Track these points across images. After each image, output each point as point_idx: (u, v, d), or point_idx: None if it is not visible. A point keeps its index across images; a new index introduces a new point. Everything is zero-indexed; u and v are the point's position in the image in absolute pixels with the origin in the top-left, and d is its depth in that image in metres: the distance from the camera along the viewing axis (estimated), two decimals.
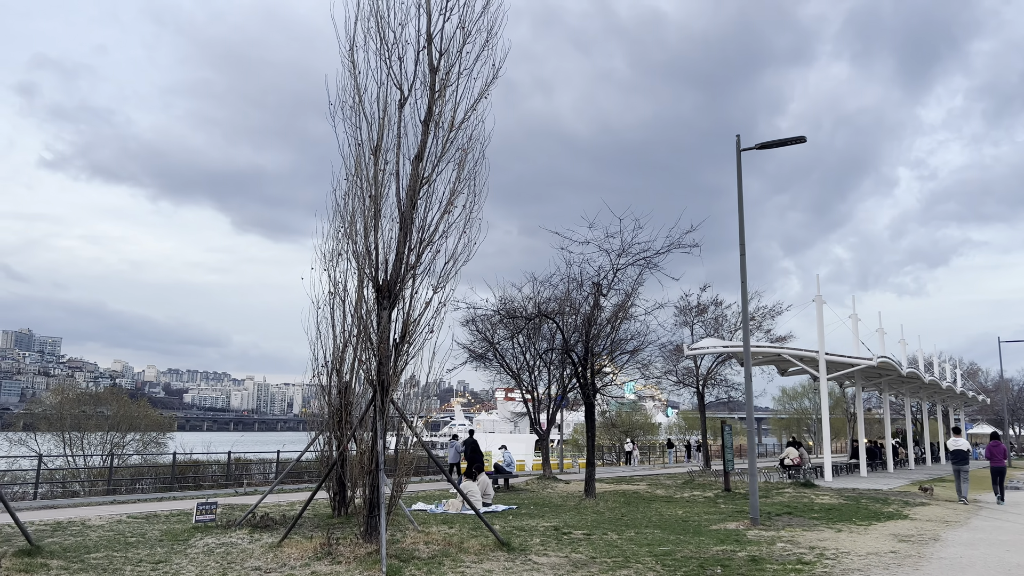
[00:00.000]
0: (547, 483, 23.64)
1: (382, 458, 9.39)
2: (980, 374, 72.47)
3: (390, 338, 10.02)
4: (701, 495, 20.65)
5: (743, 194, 15.17)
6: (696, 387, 34.02)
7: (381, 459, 9.39)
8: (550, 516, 15.15)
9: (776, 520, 14.88)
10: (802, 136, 14.74)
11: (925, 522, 14.86)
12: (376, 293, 10.16)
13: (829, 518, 15.30)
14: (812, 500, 19.02)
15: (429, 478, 26.90)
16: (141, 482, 25.25)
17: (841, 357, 26.87)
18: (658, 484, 24.81)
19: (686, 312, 34.89)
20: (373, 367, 9.92)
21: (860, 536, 12.70)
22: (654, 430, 72.40)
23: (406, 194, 10.43)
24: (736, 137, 15.38)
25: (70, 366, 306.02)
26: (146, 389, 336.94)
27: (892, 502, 18.84)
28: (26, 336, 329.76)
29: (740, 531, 13.16)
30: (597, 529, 13.05)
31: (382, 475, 9.34)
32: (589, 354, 18.23)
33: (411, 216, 10.31)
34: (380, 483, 9.31)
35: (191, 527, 12.42)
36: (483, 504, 16.33)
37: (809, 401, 72.03)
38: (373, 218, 10.17)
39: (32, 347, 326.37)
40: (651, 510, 16.57)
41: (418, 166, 10.48)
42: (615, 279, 19.20)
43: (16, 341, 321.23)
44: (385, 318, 10.05)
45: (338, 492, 13.40)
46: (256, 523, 12.42)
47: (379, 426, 9.62)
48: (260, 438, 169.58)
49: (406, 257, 10.22)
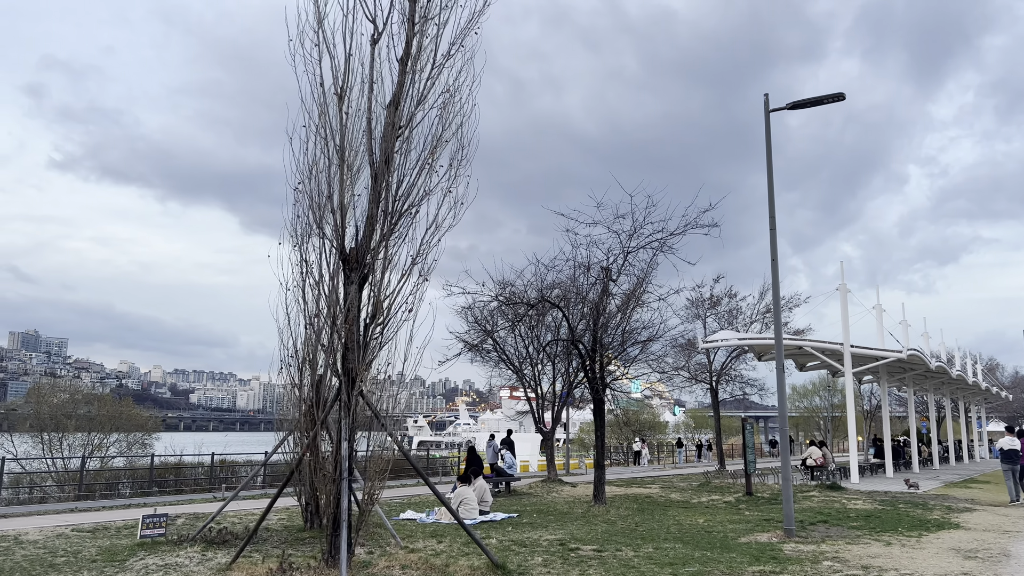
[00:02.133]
0: (552, 486, 21.88)
1: (347, 464, 7.66)
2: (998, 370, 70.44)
3: (359, 319, 8.28)
4: (721, 500, 18.85)
5: (772, 159, 13.39)
6: (709, 383, 32.19)
7: (346, 465, 7.66)
8: (555, 526, 13.39)
9: (812, 530, 13.10)
10: (840, 93, 12.96)
11: (983, 532, 13.05)
12: (342, 264, 8.41)
13: (870, 527, 13.51)
14: (844, 505, 17.22)
15: None
16: (118, 486, 23.61)
17: (868, 349, 25.04)
18: (672, 487, 23.02)
19: (698, 305, 33.10)
20: (338, 354, 8.19)
21: (916, 551, 10.90)
22: (663, 429, 70.62)
23: (379, 147, 8.68)
24: (764, 96, 13.61)
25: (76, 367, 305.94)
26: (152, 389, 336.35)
27: (933, 507, 17.03)
28: (32, 337, 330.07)
29: (775, 545, 11.38)
30: (609, 544, 11.28)
31: (346, 485, 7.60)
32: (598, 345, 16.45)
33: (385, 172, 8.57)
34: (343, 495, 7.56)
35: (136, 543, 10.69)
36: (480, 512, 14.60)
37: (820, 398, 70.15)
38: (338, 174, 8.43)
39: (39, 348, 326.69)
40: (668, 518, 14.80)
41: (394, 113, 8.74)
42: (625, 263, 17.43)
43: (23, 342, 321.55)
44: (353, 294, 8.30)
45: (311, 501, 11.67)
46: (212, 538, 10.70)
47: (345, 425, 7.88)
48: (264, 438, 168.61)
49: (379, 221, 8.48)
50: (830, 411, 65.56)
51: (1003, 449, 19.00)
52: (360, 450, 9.04)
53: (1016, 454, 18.72)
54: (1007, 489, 19.11)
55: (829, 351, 25.53)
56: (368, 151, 8.68)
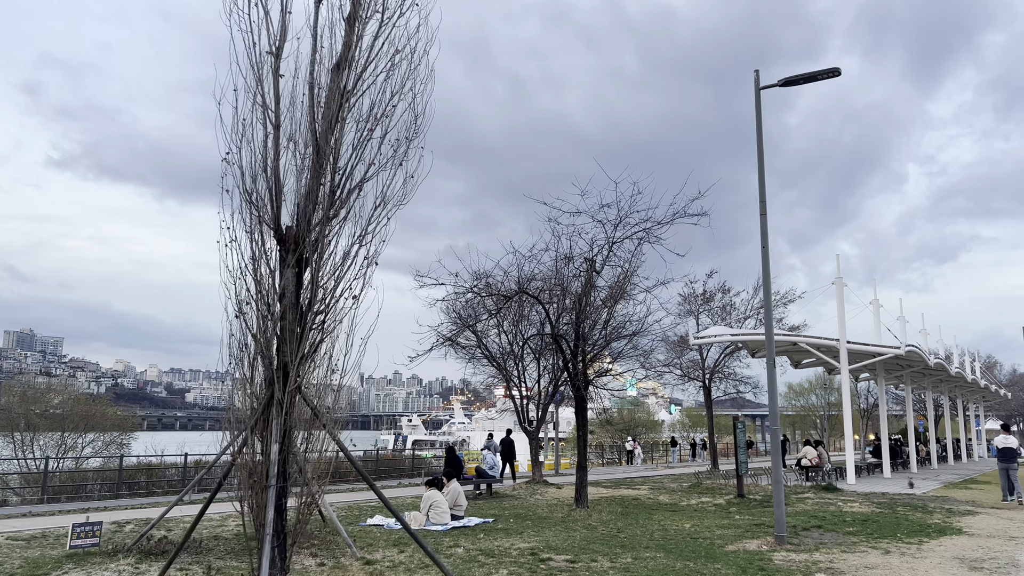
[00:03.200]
0: (536, 488, 21.00)
1: (275, 469, 6.77)
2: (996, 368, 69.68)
3: (297, 306, 7.39)
4: (711, 502, 18.00)
5: (763, 140, 12.52)
6: (702, 381, 31.33)
7: (274, 470, 6.77)
8: (531, 533, 12.51)
9: (805, 537, 12.24)
10: (835, 68, 12.11)
11: (987, 538, 12.21)
12: (278, 245, 7.52)
13: (868, 532, 12.67)
14: (840, 508, 16.37)
15: (406, 482, 24.31)
16: (85, 488, 22.68)
17: (864, 346, 24.20)
18: (661, 488, 22.16)
19: (691, 300, 32.25)
20: (272, 344, 7.30)
21: (916, 560, 10.05)
22: (657, 428, 69.78)
23: (322, 114, 7.79)
24: (755, 73, 12.75)
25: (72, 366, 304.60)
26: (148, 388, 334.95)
27: (934, 510, 16.19)
28: (28, 336, 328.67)
29: (764, 553, 10.52)
30: (585, 553, 10.41)
31: (272, 494, 6.71)
32: (580, 340, 15.57)
33: (328, 143, 7.68)
34: (268, 505, 6.68)
35: (65, 554, 9.79)
36: (453, 517, 13.71)
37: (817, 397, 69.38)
38: (273, 144, 7.53)
39: (34, 347, 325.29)
40: (653, 523, 13.93)
41: (339, 77, 7.85)
42: (610, 254, 16.56)
43: (18, 341, 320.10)
44: (289, 278, 7.41)
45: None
46: (150, 548, 9.81)
47: (276, 425, 7.00)
48: None
49: (321, 198, 7.59)
50: (827, 410, 64.79)
51: (999, 447, 19.12)
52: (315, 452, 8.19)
53: (1013, 452, 18.83)
54: (1002, 490, 19.02)
55: (825, 347, 24.69)
56: (310, 119, 7.79)
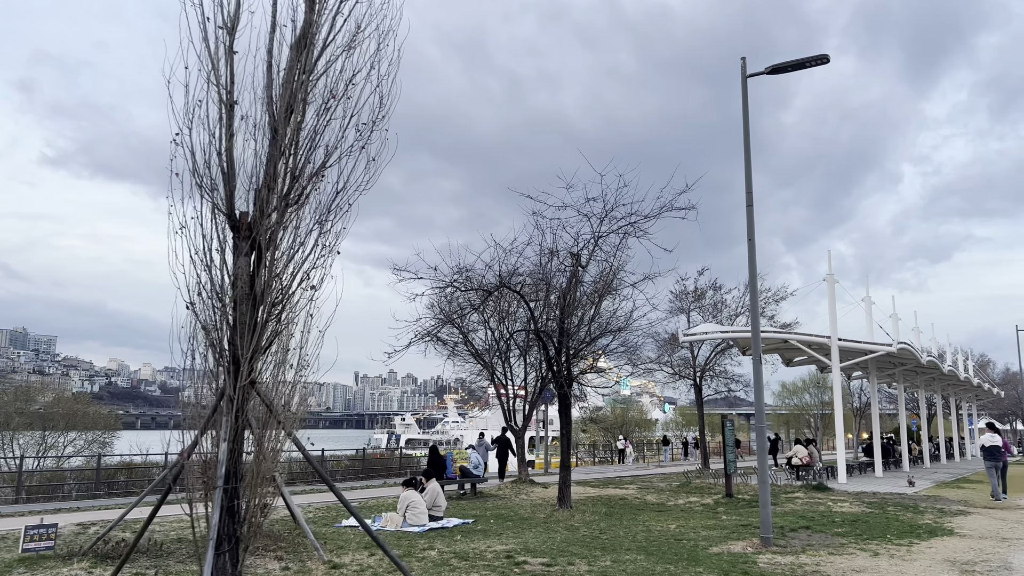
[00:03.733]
0: (522, 487, 20.61)
1: (223, 470, 6.36)
2: (989, 367, 69.52)
3: (251, 296, 6.98)
4: (699, 502, 17.64)
5: (749, 130, 12.15)
6: (693, 379, 30.99)
7: (222, 471, 6.36)
8: (510, 534, 12.12)
9: (792, 538, 11.88)
10: (824, 55, 11.74)
11: (979, 539, 11.86)
12: (232, 232, 7.11)
13: (857, 533, 12.31)
14: (830, 508, 16.03)
15: (391, 481, 23.89)
16: (63, 488, 22.22)
17: (856, 343, 23.88)
18: (650, 487, 21.80)
19: (682, 298, 31.91)
20: (224, 336, 6.89)
21: (906, 563, 9.70)
22: (650, 426, 69.46)
23: (280, 95, 7.38)
24: (741, 60, 12.38)
25: (65, 364, 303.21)
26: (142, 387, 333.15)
27: (925, 510, 15.86)
28: (21, 335, 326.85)
29: (749, 556, 10.15)
30: (563, 556, 10.02)
31: (218, 497, 6.30)
32: (564, 336, 15.18)
33: (286, 124, 7.26)
34: (214, 508, 6.27)
35: (17, 558, 9.37)
36: (432, 519, 13.32)
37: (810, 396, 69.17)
38: (226, 125, 7.11)
39: (27, 346, 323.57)
40: (637, 523, 13.56)
41: (299, 54, 7.43)
42: (596, 249, 16.18)
43: (11, 340, 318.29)
44: (243, 266, 7.00)
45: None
46: (107, 551, 9.39)
47: (226, 423, 6.59)
48: None
49: (278, 182, 7.18)
50: (820, 408, 64.55)
51: (984, 446, 19.18)
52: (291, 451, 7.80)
53: (998, 450, 18.88)
54: (991, 487, 19.09)
55: (816, 345, 24.37)
56: (268, 99, 7.38)
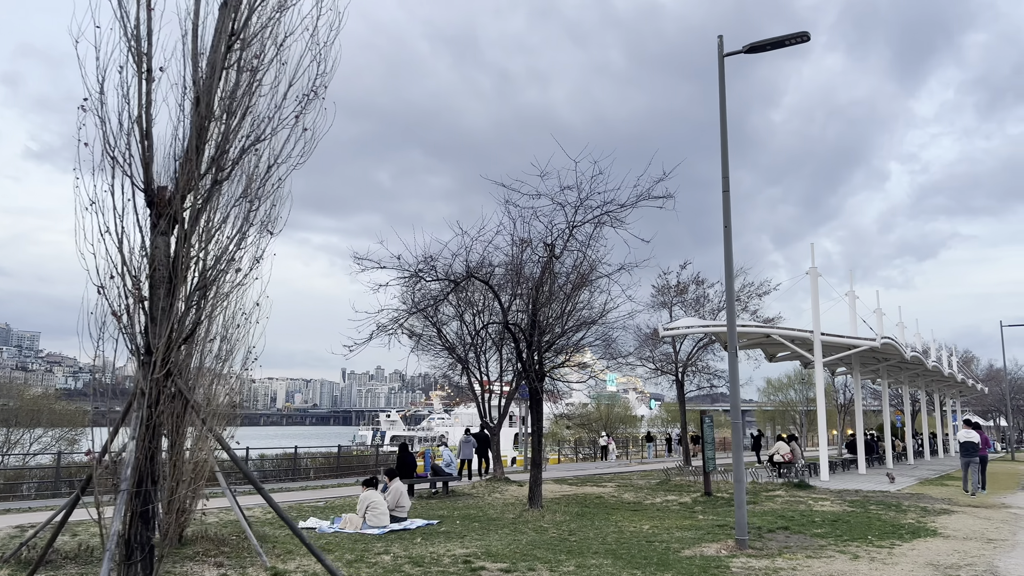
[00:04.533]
0: (497, 486, 20.02)
1: (129, 471, 5.71)
2: (973, 363, 69.59)
3: (170, 280, 6.32)
4: (676, 500, 17.11)
5: (725, 113, 11.57)
6: (675, 375, 30.50)
7: (127, 472, 5.71)
8: (474, 536, 11.52)
9: (769, 539, 11.34)
10: (804, 33, 11.16)
11: (963, 540, 11.37)
12: (150, 209, 6.45)
13: (837, 534, 11.80)
14: (810, 507, 15.53)
15: None
16: (21, 487, 21.42)
17: (839, 338, 23.43)
18: (629, 485, 21.26)
19: (664, 292, 31.41)
20: (137, 324, 6.23)
21: (887, 567, 9.17)
22: (634, 423, 69.12)
23: (207, 60, 6.72)
24: (718, 39, 11.78)
25: (49, 361, 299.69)
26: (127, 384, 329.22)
27: (908, 509, 15.39)
28: (3, 331, 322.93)
29: (722, 560, 9.60)
30: (526, 559, 9.43)
31: (122, 500, 5.65)
32: (535, 330, 14.57)
33: (212, 91, 6.61)
34: (116, 514, 5.62)
35: None
36: (394, 519, 12.69)
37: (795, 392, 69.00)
38: (144, 91, 6.45)
39: (10, 342, 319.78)
40: (610, 524, 12.99)
41: (226, 16, 6.78)
42: (571, 239, 15.59)
43: None
44: (163, 248, 6.35)
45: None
46: (30, 558, 8.69)
47: (137, 419, 5.94)
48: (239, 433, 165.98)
49: (202, 155, 6.52)
50: (805, 405, 64.38)
51: (961, 442, 19.95)
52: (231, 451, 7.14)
53: (974, 446, 19.49)
54: (963, 481, 19.91)
55: (799, 340, 23.89)
56: (193, 64, 6.72)
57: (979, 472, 19.94)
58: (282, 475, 26.82)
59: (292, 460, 27.85)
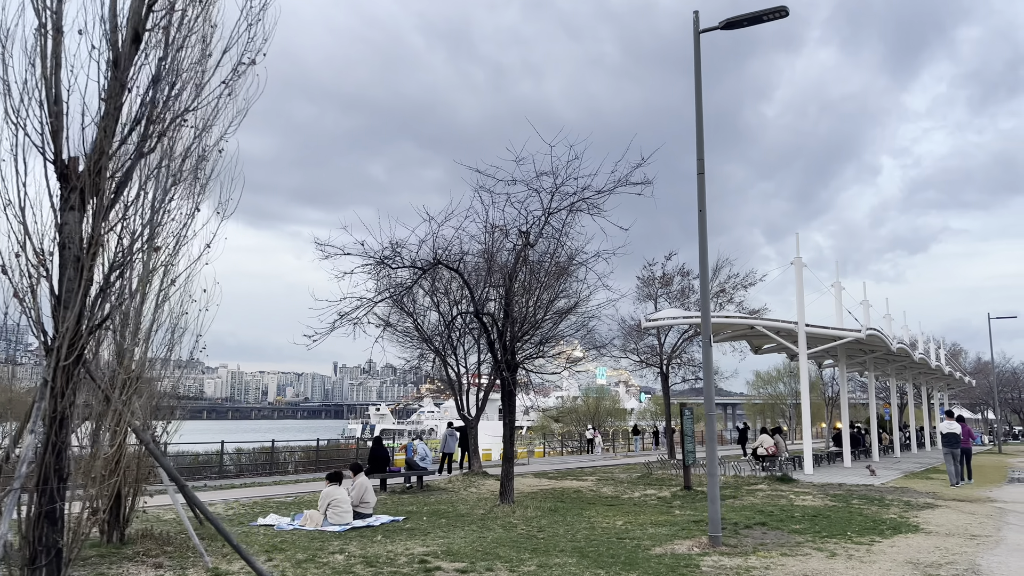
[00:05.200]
0: (474, 480, 19.56)
1: (23, 468, 5.20)
2: (961, 356, 69.56)
3: (80, 258, 5.80)
4: (655, 494, 16.70)
5: (701, 90, 11.09)
6: (660, 367, 30.10)
7: (23, 469, 5.20)
8: (438, 533, 11.05)
9: (745, 535, 10.92)
10: (782, 7, 10.67)
11: (945, 536, 10.97)
12: (60, 183, 5.92)
13: (815, 530, 11.38)
14: (791, 502, 15.14)
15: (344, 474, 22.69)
16: None
17: (824, 329, 23.06)
18: (609, 479, 20.86)
19: (650, 284, 31.00)
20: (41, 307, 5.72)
21: (865, 565, 8.75)
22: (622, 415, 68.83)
23: (128, 21, 6.19)
24: (693, 14, 11.29)
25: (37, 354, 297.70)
26: None
27: (891, 503, 15.02)
28: None
29: (692, 558, 9.16)
30: (487, 558, 8.96)
31: (13, 499, 5.14)
32: (508, 319, 14.08)
33: (132, 54, 6.08)
34: (7, 514, 5.10)
35: None
36: (358, 516, 12.21)
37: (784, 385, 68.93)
38: (52, 51, 5.91)
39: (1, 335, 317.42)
40: (583, 520, 12.54)
41: None
42: (546, 224, 15.10)
43: None
44: (73, 224, 5.82)
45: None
46: None
47: (37, 409, 5.43)
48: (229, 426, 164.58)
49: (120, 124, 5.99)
50: (794, 398, 64.20)
51: (943, 433, 20.19)
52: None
53: (956, 438, 19.63)
54: (947, 473, 19.96)
55: (784, 331, 23.53)
56: (111, 24, 6.18)
57: (963, 464, 20.13)
58: (259, 469, 26.31)
59: (269, 454, 27.33)
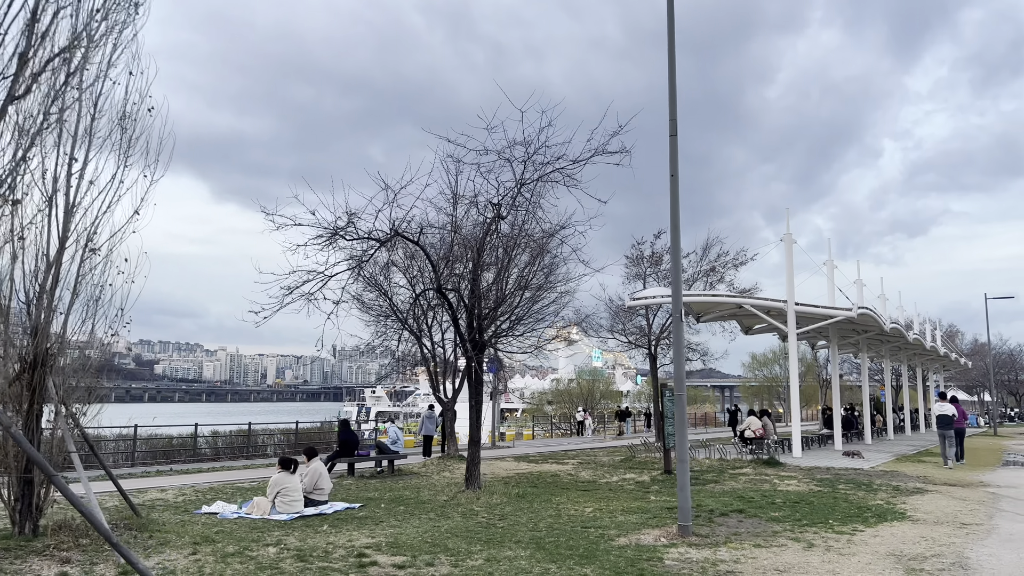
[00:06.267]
0: (448, 464, 18.89)
1: None
2: (958, 337, 68.92)
3: None
4: (634, 479, 16.04)
5: (674, 44, 10.25)
6: (648, 348, 29.36)
7: None
8: (391, 522, 10.35)
9: (719, 524, 10.23)
10: None
11: (933, 526, 10.28)
12: None
13: (795, 518, 10.70)
14: (775, 487, 14.46)
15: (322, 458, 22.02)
16: None
17: (814, 308, 22.33)
18: (591, 462, 20.21)
19: (638, 263, 30.18)
20: None
21: (843, 558, 8.05)
22: (616, 398, 68.29)
23: None
24: None
25: None
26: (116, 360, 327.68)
27: (879, 488, 14.35)
28: None
29: (657, 549, 8.45)
30: (432, 551, 8.25)
31: None
32: (476, 296, 13.30)
33: None
34: None
35: None
36: (311, 503, 11.52)
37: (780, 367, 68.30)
38: None
39: None
40: (550, 507, 11.85)
41: None
42: (518, 196, 14.28)
43: None
44: None
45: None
46: None
47: None
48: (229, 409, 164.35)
49: None
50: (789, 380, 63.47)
51: (936, 415, 20.28)
52: None
53: (949, 419, 19.72)
54: (942, 456, 19.94)
55: (774, 310, 22.78)
56: None
57: (957, 444, 20.35)
58: (235, 452, 25.66)
59: (246, 437, 26.66)
